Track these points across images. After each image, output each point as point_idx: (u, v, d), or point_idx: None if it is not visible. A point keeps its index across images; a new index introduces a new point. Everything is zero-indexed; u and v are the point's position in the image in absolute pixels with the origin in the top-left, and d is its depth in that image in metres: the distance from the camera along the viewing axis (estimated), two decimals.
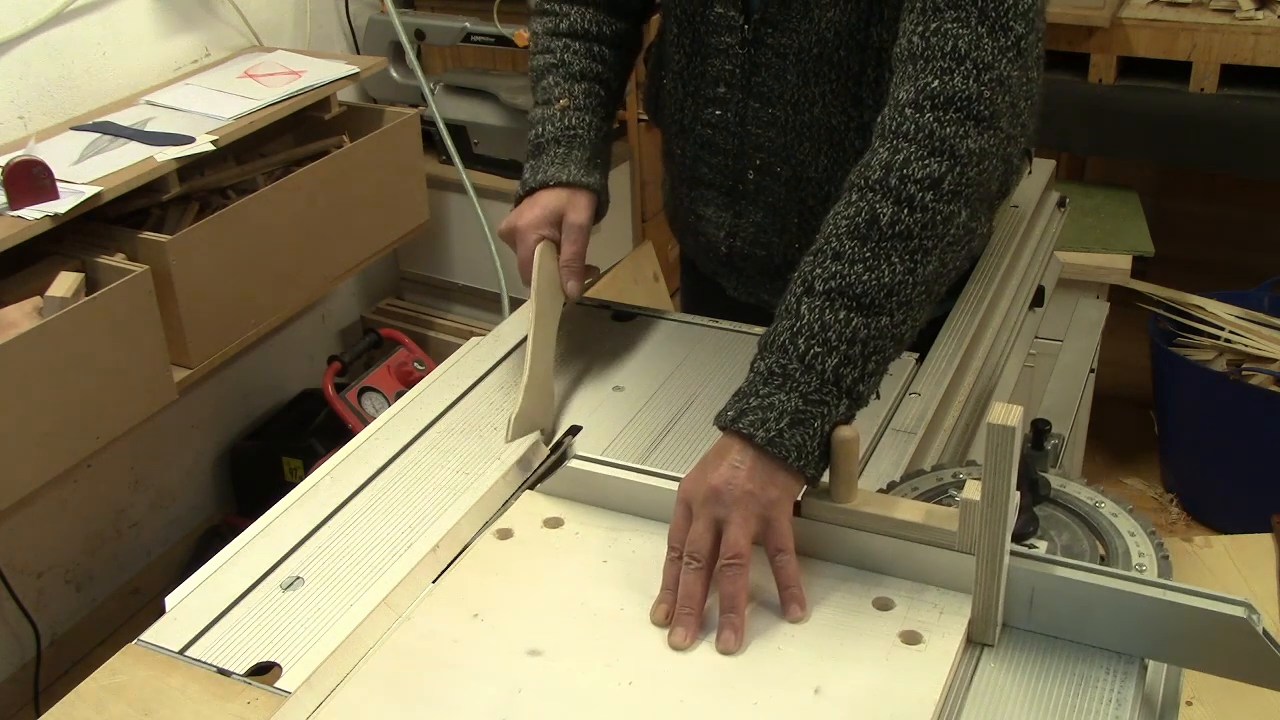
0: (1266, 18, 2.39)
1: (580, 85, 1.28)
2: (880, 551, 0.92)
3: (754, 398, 0.92)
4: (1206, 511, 2.53)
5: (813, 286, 0.93)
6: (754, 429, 0.90)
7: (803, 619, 0.89)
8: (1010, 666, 0.86)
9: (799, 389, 0.91)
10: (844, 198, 0.97)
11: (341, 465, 1.13)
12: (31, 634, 2.16)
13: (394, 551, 1.00)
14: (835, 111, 1.20)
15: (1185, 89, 2.44)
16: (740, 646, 0.87)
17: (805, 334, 0.92)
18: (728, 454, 0.90)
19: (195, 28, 2.31)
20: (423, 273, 2.83)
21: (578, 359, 1.28)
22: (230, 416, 2.56)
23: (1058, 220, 1.65)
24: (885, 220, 0.93)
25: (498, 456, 1.12)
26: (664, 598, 0.90)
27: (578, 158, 1.24)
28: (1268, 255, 2.77)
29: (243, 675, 0.89)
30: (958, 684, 0.85)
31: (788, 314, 0.94)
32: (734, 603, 0.88)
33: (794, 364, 0.91)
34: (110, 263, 1.80)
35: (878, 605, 0.90)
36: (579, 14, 1.31)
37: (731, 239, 1.34)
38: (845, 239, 0.93)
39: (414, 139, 2.37)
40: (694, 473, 0.93)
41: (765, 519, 0.90)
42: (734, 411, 0.92)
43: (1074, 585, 0.86)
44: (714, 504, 0.89)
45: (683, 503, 0.92)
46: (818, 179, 1.24)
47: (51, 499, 2.17)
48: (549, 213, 1.22)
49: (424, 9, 2.77)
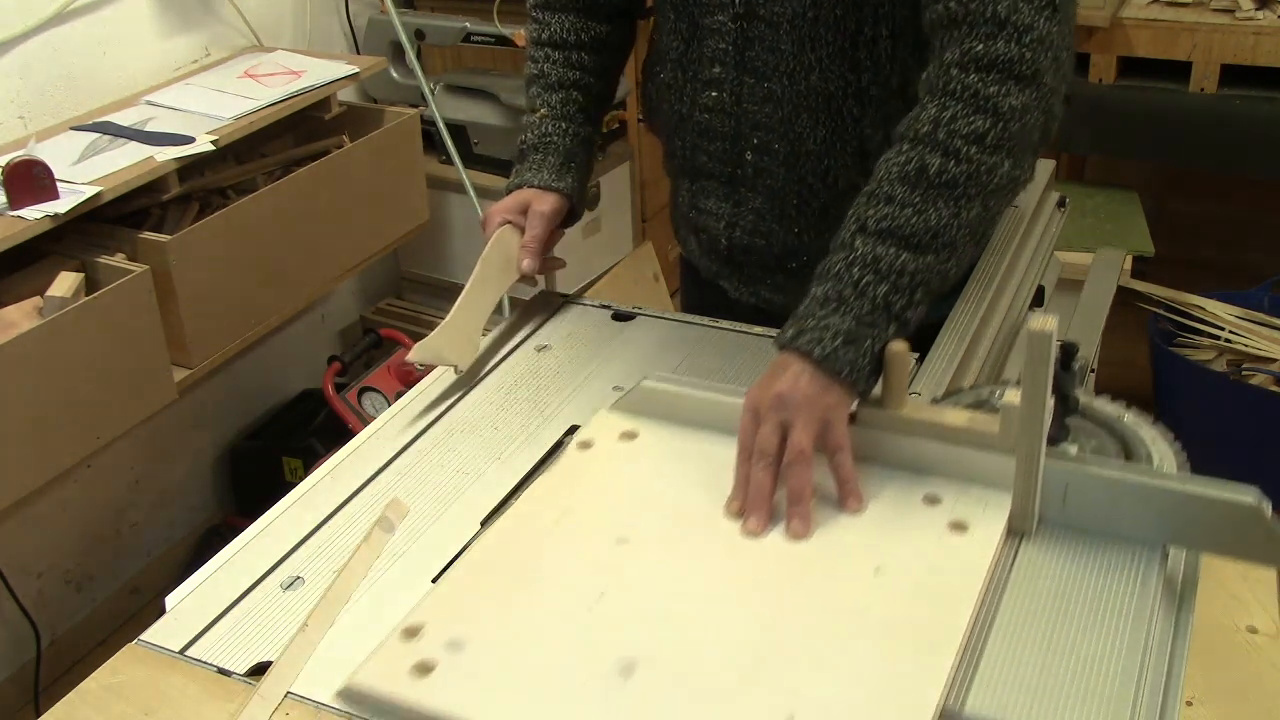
0: (1266, 18, 2.39)
1: (558, 95, 1.37)
2: (928, 454, 1.02)
3: (810, 319, 1.02)
4: None
5: (866, 225, 1.03)
6: (810, 346, 1.00)
7: (860, 511, 1.00)
8: (1047, 554, 0.96)
9: (852, 312, 1.01)
10: (895, 147, 1.05)
11: (341, 465, 1.13)
12: (31, 634, 2.16)
13: (394, 551, 1.00)
14: (832, 78, 1.22)
15: (1185, 89, 2.44)
16: (808, 533, 0.98)
17: (859, 264, 1.02)
18: (788, 368, 1.00)
19: (195, 28, 2.31)
20: (423, 273, 2.83)
21: (578, 359, 1.28)
22: (230, 416, 2.56)
23: (1058, 220, 1.65)
24: (933, 170, 1.02)
25: (498, 456, 1.12)
26: (736, 494, 1.02)
27: (551, 163, 1.34)
28: (1268, 255, 2.77)
29: (243, 675, 0.89)
30: (1001, 567, 0.95)
31: (843, 247, 1.04)
32: (800, 495, 0.99)
33: (848, 290, 1.01)
34: (110, 263, 1.80)
35: (927, 500, 1.01)
36: (558, 22, 1.38)
37: (731, 229, 1.35)
38: (896, 184, 1.03)
39: (414, 139, 2.37)
40: (759, 385, 1.02)
41: (825, 421, 1.00)
42: (792, 331, 1.02)
43: (1103, 481, 0.97)
44: (779, 409, 1.00)
45: (750, 410, 1.02)
46: (816, 152, 1.26)
47: (51, 499, 2.17)
48: (517, 202, 1.33)
49: (424, 9, 2.77)
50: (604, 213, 2.75)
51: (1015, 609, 0.90)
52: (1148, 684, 0.85)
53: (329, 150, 2.19)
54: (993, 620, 0.89)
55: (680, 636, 0.89)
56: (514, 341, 1.33)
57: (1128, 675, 0.84)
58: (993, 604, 0.91)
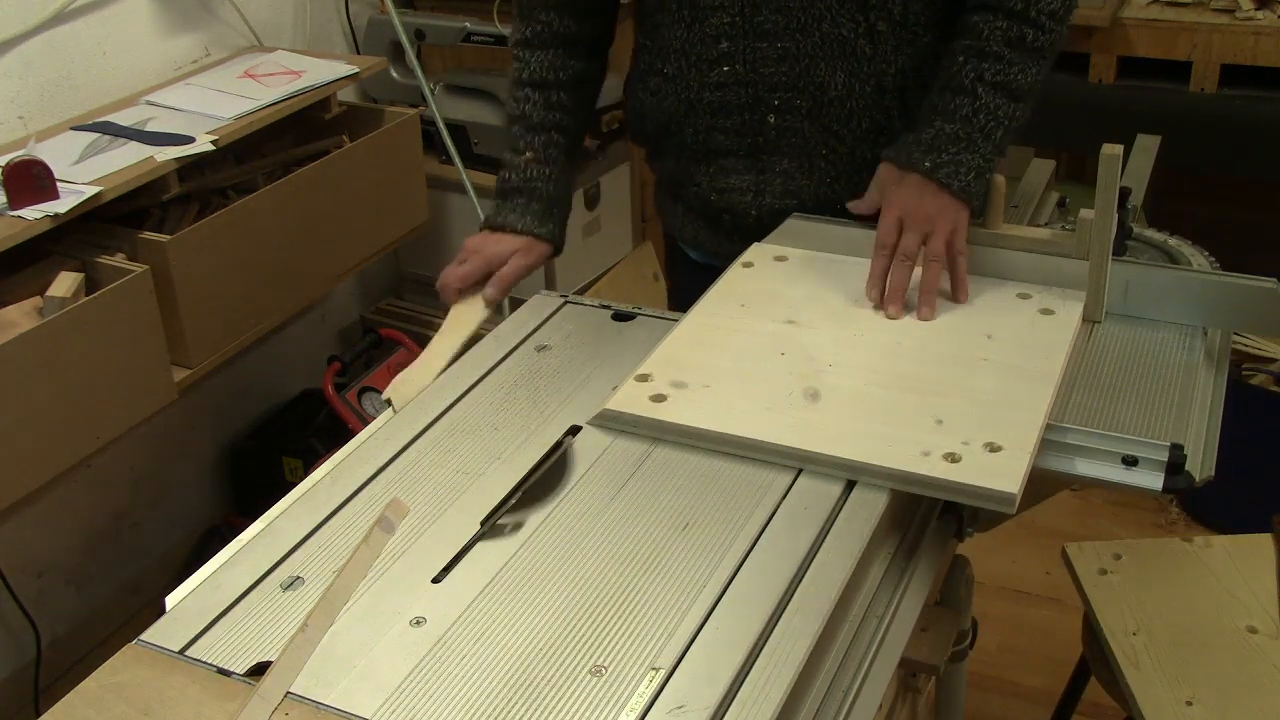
0: (1266, 18, 2.39)
1: (540, 137, 1.45)
2: (1019, 262, 1.32)
3: (944, 154, 1.26)
4: (1206, 511, 2.53)
5: (983, 77, 1.25)
6: (950, 179, 1.25)
7: (965, 303, 1.28)
8: (1115, 334, 1.28)
9: (979, 151, 1.26)
10: (990, 18, 1.26)
11: (341, 465, 1.13)
12: (31, 634, 2.15)
13: (394, 551, 1.00)
14: (844, 21, 1.32)
15: (1185, 89, 2.44)
16: (934, 316, 1.26)
17: (984, 112, 1.26)
18: (929, 190, 1.26)
19: (195, 28, 2.31)
20: (423, 272, 2.82)
21: (578, 359, 1.28)
22: (230, 416, 2.56)
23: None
24: (1029, 39, 1.26)
25: (498, 456, 1.12)
26: (874, 283, 1.29)
27: (535, 210, 1.43)
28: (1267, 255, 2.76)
29: (243, 675, 0.89)
30: (1080, 341, 1.25)
31: (965, 93, 1.26)
32: (931, 287, 1.27)
33: (976, 133, 1.26)
34: (110, 263, 1.80)
35: (1020, 296, 1.29)
36: (538, 61, 1.45)
37: (760, 198, 1.42)
38: (1003, 46, 1.25)
39: (414, 139, 2.37)
40: (902, 198, 1.27)
41: (955, 231, 1.27)
42: (929, 163, 1.26)
43: (1157, 276, 1.29)
44: (925, 223, 1.26)
45: (894, 218, 1.28)
46: (839, 97, 1.35)
47: (51, 499, 2.17)
48: (484, 265, 1.40)
49: (424, 9, 2.77)
50: (604, 213, 2.75)
51: (1092, 372, 1.21)
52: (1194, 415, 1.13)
53: (329, 150, 2.19)
54: (1075, 379, 1.19)
55: (848, 376, 1.17)
56: (514, 341, 1.33)
57: (1182, 405, 1.15)
58: (1076, 365, 1.21)
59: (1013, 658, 2.22)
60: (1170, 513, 2.57)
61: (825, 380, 1.16)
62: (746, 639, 0.88)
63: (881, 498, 1.03)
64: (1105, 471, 1.07)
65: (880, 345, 1.22)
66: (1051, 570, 2.36)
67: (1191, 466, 1.06)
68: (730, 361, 1.20)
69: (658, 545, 0.99)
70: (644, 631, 0.90)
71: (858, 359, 1.19)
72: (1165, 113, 2.44)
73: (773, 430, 1.09)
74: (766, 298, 1.31)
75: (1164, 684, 1.41)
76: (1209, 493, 1.15)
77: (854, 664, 0.96)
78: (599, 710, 0.83)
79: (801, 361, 1.19)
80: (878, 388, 1.14)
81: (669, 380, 1.17)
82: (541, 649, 0.89)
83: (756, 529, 1.00)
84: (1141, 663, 1.45)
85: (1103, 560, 1.60)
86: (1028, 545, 2.43)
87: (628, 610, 0.92)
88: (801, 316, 1.27)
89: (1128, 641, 1.48)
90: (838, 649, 0.95)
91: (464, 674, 0.87)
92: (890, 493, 1.03)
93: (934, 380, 1.15)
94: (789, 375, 1.17)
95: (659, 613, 0.92)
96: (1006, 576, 2.41)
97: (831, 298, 1.31)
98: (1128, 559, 1.61)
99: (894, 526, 1.08)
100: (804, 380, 1.16)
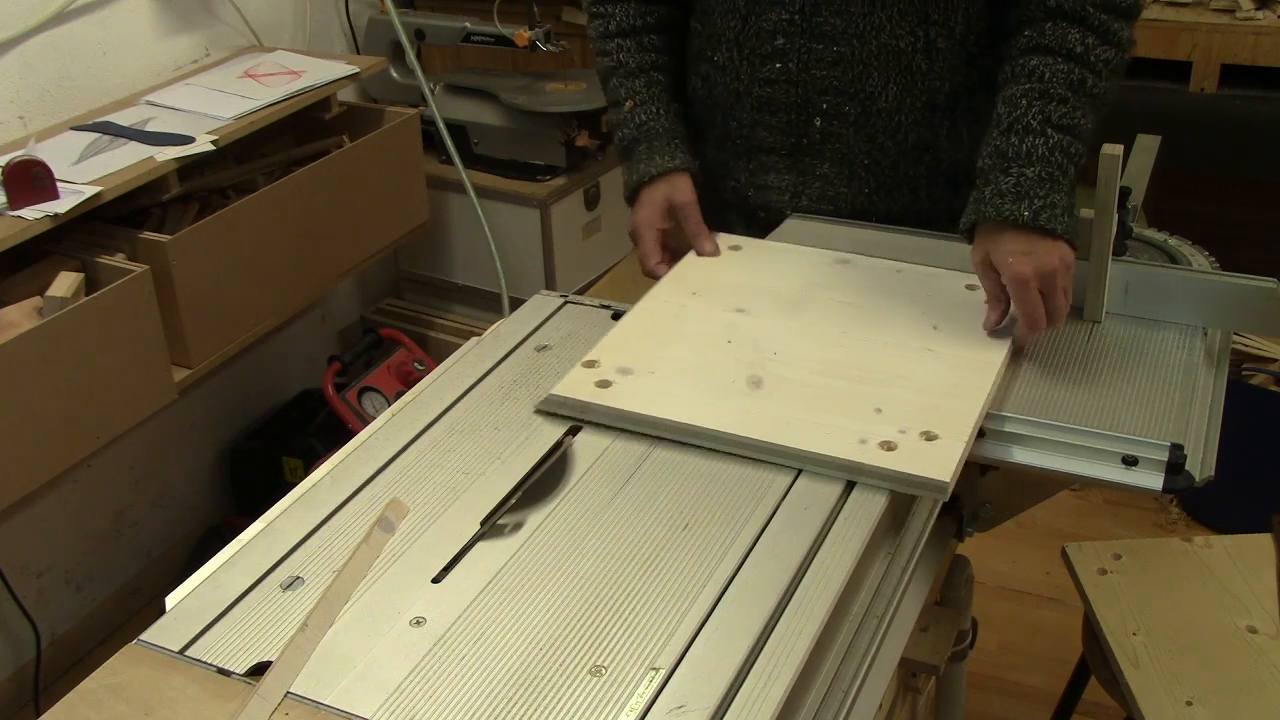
0: (1266, 18, 2.39)
1: (639, 80, 1.43)
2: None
3: (1037, 199, 1.21)
4: (1206, 511, 2.53)
5: (1050, 119, 1.23)
6: (1053, 224, 1.20)
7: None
8: (1114, 335, 1.27)
9: (1062, 189, 1.22)
10: (1050, 61, 1.24)
11: (341, 465, 1.13)
12: (31, 634, 2.16)
13: (394, 551, 1.00)
14: (903, 34, 1.31)
15: (1185, 89, 2.44)
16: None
17: (1058, 150, 1.22)
18: (1036, 241, 1.20)
19: (195, 28, 2.31)
20: (423, 273, 2.83)
21: (578, 359, 1.28)
22: (230, 416, 2.56)
23: None
24: (1089, 84, 1.25)
25: (498, 456, 1.12)
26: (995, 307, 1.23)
27: (659, 148, 1.41)
28: (1267, 255, 2.76)
29: (243, 675, 0.89)
30: (1081, 340, 1.26)
31: (1035, 134, 1.23)
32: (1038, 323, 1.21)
33: (1057, 171, 1.22)
34: (110, 263, 1.80)
35: (968, 287, 1.29)
36: (623, 11, 1.43)
37: (797, 199, 1.42)
38: (1067, 90, 1.24)
39: (414, 139, 2.37)
40: (1019, 259, 1.19)
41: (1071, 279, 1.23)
42: (1028, 212, 1.20)
43: (1156, 276, 1.29)
44: (1052, 279, 1.19)
45: (1020, 282, 1.19)
46: (888, 109, 1.34)
47: (51, 499, 2.17)
48: (657, 209, 1.41)
49: (424, 9, 2.77)
50: (604, 213, 2.75)
51: (1092, 372, 1.21)
52: (1194, 415, 1.13)
53: (329, 150, 2.19)
54: (1075, 375, 1.20)
55: (792, 365, 1.18)
56: (514, 341, 1.32)
57: (1183, 405, 1.15)
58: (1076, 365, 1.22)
59: (1013, 658, 2.22)
60: (1170, 513, 2.57)
61: (770, 369, 1.17)
62: (746, 639, 0.88)
63: (881, 498, 1.03)
64: (1105, 471, 1.07)
65: (827, 335, 1.23)
66: (1051, 570, 2.36)
67: (1191, 466, 1.06)
68: (677, 349, 1.22)
69: (657, 545, 0.99)
70: (644, 631, 0.90)
71: (804, 348, 1.21)
72: (1165, 113, 2.44)
73: (713, 417, 1.10)
74: (719, 287, 1.33)
75: (1164, 684, 1.41)
76: (1209, 493, 1.15)
77: (854, 664, 0.96)
78: (599, 710, 0.83)
79: (748, 350, 1.21)
80: (821, 376, 1.16)
81: (615, 366, 1.19)
82: (541, 649, 0.89)
83: (756, 529, 1.00)
84: (1141, 663, 1.45)
85: (1103, 560, 1.60)
86: (1028, 545, 2.43)
87: (627, 610, 0.92)
88: (752, 306, 1.29)
89: (1128, 641, 1.48)
90: (838, 649, 0.95)
91: (464, 674, 0.87)
92: (890, 493, 1.03)
93: (877, 370, 1.17)
94: (734, 363, 1.19)
95: (659, 613, 0.92)
96: (1006, 576, 2.41)
97: (784, 287, 1.32)
98: (1128, 559, 1.61)
99: (893, 526, 1.08)
100: (749, 368, 1.18)
